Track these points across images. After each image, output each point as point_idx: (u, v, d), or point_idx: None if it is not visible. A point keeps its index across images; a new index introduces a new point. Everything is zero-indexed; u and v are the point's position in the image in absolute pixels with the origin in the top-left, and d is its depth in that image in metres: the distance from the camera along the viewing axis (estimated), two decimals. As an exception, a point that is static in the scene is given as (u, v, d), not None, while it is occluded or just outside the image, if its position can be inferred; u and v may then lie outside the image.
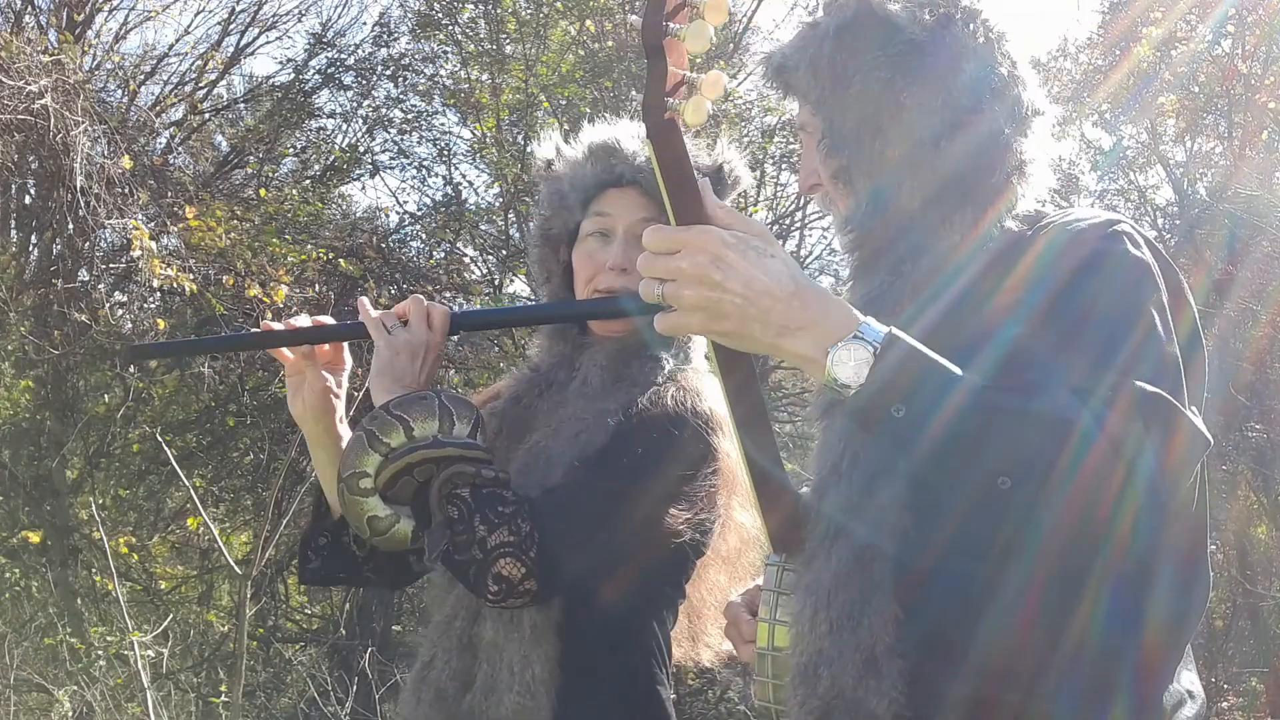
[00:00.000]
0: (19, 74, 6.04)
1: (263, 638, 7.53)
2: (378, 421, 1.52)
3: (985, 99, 1.25)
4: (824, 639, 1.17)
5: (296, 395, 1.70)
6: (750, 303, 1.06)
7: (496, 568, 1.45)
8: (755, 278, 1.06)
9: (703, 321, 1.08)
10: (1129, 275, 1.18)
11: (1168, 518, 1.13)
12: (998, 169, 1.26)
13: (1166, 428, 1.07)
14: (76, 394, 8.09)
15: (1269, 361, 7.49)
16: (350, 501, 1.53)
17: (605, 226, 1.68)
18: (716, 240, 1.07)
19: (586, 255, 1.68)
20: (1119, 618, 1.15)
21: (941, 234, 1.25)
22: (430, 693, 1.60)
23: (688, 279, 1.07)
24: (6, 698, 6.16)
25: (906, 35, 1.24)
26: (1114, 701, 1.15)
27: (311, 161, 9.21)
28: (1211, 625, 8.03)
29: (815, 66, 1.28)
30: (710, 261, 1.06)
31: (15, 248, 8.19)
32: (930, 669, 1.15)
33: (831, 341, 1.06)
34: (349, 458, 1.54)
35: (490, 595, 1.47)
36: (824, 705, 1.16)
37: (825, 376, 1.06)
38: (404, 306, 1.65)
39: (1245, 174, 7.38)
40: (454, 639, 1.60)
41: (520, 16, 8.14)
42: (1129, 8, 8.08)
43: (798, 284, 1.07)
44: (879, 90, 1.25)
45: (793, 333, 1.07)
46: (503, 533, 1.46)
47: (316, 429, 1.69)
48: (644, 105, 1.13)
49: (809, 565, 1.21)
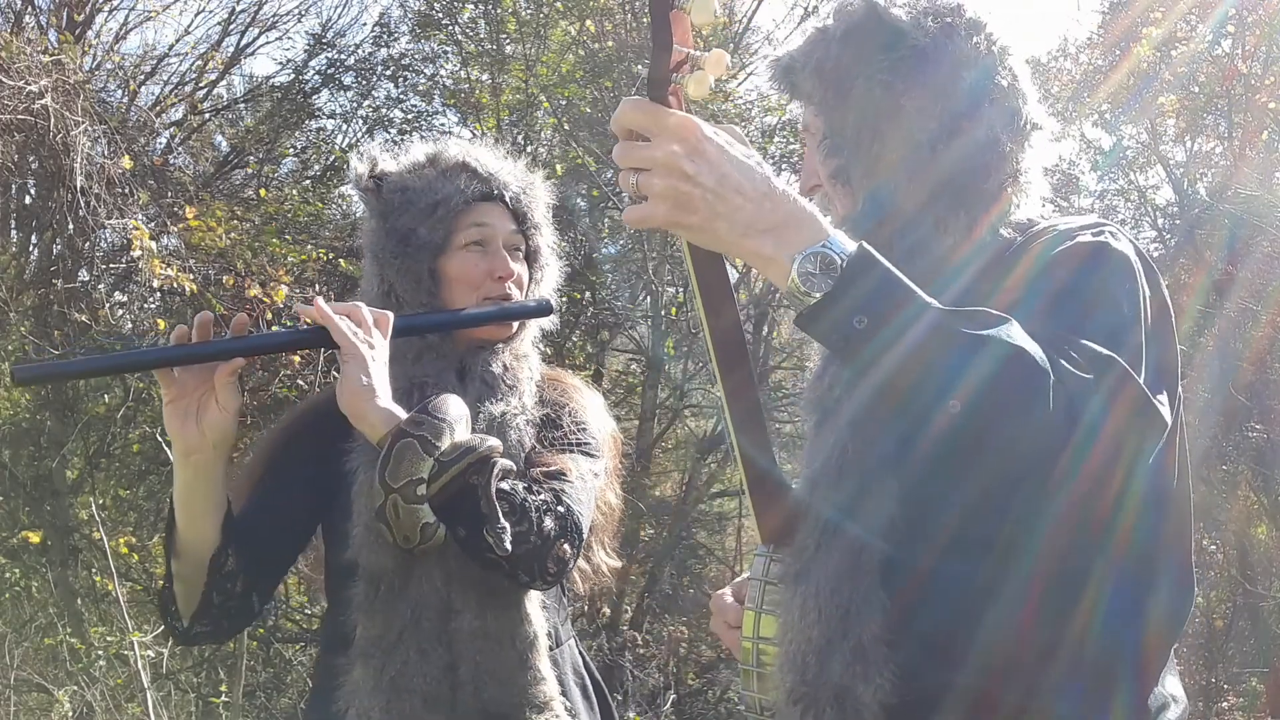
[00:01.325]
0: (19, 74, 6.04)
1: (263, 638, 7.52)
2: (425, 427, 1.50)
3: (984, 108, 1.27)
4: (813, 628, 1.18)
5: (189, 420, 1.52)
6: (720, 199, 1.05)
7: (555, 550, 1.55)
8: (728, 174, 1.05)
9: (669, 212, 1.06)
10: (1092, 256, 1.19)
11: (1169, 516, 1.13)
12: (993, 176, 1.28)
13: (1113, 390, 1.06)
14: (76, 394, 8.09)
15: (1269, 361, 7.48)
16: (407, 512, 1.50)
17: (485, 236, 1.76)
18: (695, 130, 1.05)
19: (471, 263, 1.74)
20: (1120, 616, 1.16)
21: (937, 237, 1.26)
22: (417, 699, 1.56)
23: (660, 167, 1.05)
24: (6, 698, 6.16)
25: (910, 41, 1.26)
26: (1115, 698, 1.16)
27: (311, 162, 9.22)
28: (1211, 625, 8.04)
29: (820, 69, 1.30)
30: (685, 152, 1.04)
31: (15, 248, 8.20)
32: (931, 666, 1.15)
33: (799, 248, 1.04)
34: (401, 466, 1.48)
35: (549, 577, 1.56)
36: (811, 692, 1.17)
37: (789, 282, 1.04)
38: (347, 310, 1.61)
39: (1245, 174, 7.38)
40: (426, 638, 1.58)
41: (520, 16, 8.14)
42: (1129, 8, 8.08)
43: (771, 186, 1.06)
44: (880, 93, 1.26)
45: (759, 234, 1.05)
46: (551, 518, 1.56)
47: (214, 456, 1.53)
48: (649, 79, 1.13)
49: (800, 556, 1.22)
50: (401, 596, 1.59)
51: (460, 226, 1.74)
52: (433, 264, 1.73)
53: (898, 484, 1.17)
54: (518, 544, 1.50)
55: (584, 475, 1.67)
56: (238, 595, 1.60)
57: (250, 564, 1.61)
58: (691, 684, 7.22)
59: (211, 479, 1.56)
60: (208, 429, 1.53)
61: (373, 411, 1.53)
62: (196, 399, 1.53)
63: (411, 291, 1.73)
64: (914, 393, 1.05)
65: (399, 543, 1.53)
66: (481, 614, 1.58)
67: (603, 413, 1.83)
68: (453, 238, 1.74)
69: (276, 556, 1.70)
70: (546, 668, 1.62)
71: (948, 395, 1.02)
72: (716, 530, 9.78)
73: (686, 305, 8.11)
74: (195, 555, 1.57)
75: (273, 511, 1.67)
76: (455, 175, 1.76)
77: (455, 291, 1.74)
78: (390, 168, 1.78)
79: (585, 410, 1.78)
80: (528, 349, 1.81)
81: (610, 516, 1.87)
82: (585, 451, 1.72)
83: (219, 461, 1.55)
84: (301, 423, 1.79)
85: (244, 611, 1.65)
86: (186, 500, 1.56)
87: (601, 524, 1.85)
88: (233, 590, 1.59)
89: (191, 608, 1.60)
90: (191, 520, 1.56)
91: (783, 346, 9.71)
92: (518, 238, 1.79)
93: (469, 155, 1.79)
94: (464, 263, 1.74)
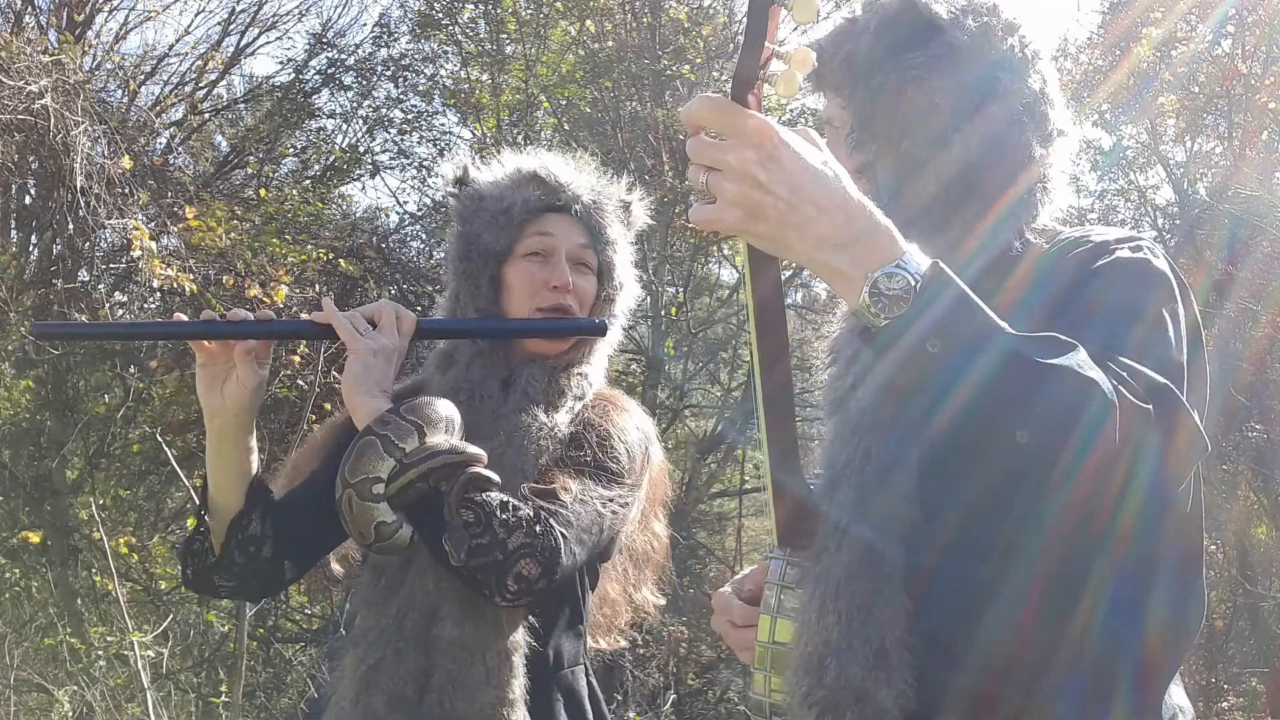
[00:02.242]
0: (19, 74, 6.04)
1: (263, 638, 7.53)
2: (391, 426, 1.51)
3: (1015, 111, 1.26)
4: (831, 630, 1.16)
5: (214, 387, 1.65)
6: (793, 209, 1.00)
7: (518, 568, 1.50)
8: (803, 184, 1.00)
9: (739, 219, 1.02)
10: (1139, 275, 1.18)
11: (1169, 515, 1.13)
12: (1021, 179, 1.27)
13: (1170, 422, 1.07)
14: (76, 394, 8.09)
15: (1269, 361, 7.49)
16: (360, 507, 1.52)
17: (548, 246, 1.75)
18: (772, 135, 1.00)
19: (530, 272, 1.73)
20: (1120, 617, 1.15)
21: (948, 235, 1.25)
22: (382, 697, 1.57)
23: (733, 172, 1.01)
24: (6, 698, 6.16)
25: (947, 38, 1.25)
26: (1114, 701, 1.16)
27: (311, 161, 9.22)
28: (1211, 625, 8.04)
29: (850, 61, 1.28)
30: (759, 158, 1.00)
31: (15, 248, 8.20)
32: (932, 666, 1.15)
33: (873, 266, 1.01)
34: (360, 462, 1.51)
35: (508, 595, 1.51)
36: (830, 697, 1.15)
37: (860, 301, 1.01)
38: (373, 310, 1.67)
39: (1245, 174, 7.37)
40: (406, 640, 1.59)
41: (520, 16, 8.15)
42: (1129, 8, 8.08)
43: (847, 197, 1.02)
44: (913, 89, 1.25)
45: (832, 248, 1.01)
46: (520, 535, 1.51)
47: (234, 423, 1.65)
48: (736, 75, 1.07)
49: (818, 558, 1.20)
50: (395, 593, 1.62)
51: (524, 235, 1.74)
52: (495, 271, 1.74)
53: (914, 484, 1.17)
54: (476, 556, 1.49)
55: (586, 498, 1.61)
56: (264, 560, 1.67)
57: (283, 535, 1.68)
58: (691, 684, 7.22)
59: (234, 444, 1.66)
60: (228, 398, 1.64)
61: (361, 405, 1.57)
62: (224, 368, 1.65)
63: (471, 296, 1.76)
64: (983, 419, 1.02)
65: (355, 539, 1.56)
66: (462, 624, 1.58)
67: (644, 439, 1.76)
68: (516, 246, 1.74)
69: (313, 535, 1.72)
70: (518, 690, 1.59)
71: (1018, 425, 1.00)
72: (716, 530, 9.79)
73: (686, 305, 8.11)
74: (222, 514, 1.67)
75: (313, 494, 1.70)
76: (525, 184, 1.77)
77: (513, 300, 1.74)
78: (477, 175, 1.80)
79: (621, 433, 1.71)
80: (588, 368, 1.78)
81: (657, 548, 1.82)
82: (603, 476, 1.65)
83: (240, 430, 1.66)
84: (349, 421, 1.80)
85: (274, 577, 1.72)
86: (212, 460, 1.68)
87: (643, 558, 1.81)
88: (257, 554, 1.66)
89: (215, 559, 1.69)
90: (217, 480, 1.67)
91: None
92: (586, 252, 1.77)
93: (543, 165, 1.78)
94: (522, 271, 1.74)
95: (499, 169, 1.80)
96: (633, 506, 1.70)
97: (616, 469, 1.67)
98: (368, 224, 8.97)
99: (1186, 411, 1.08)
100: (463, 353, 1.75)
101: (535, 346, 1.74)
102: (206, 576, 1.69)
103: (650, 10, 8.10)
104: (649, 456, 1.76)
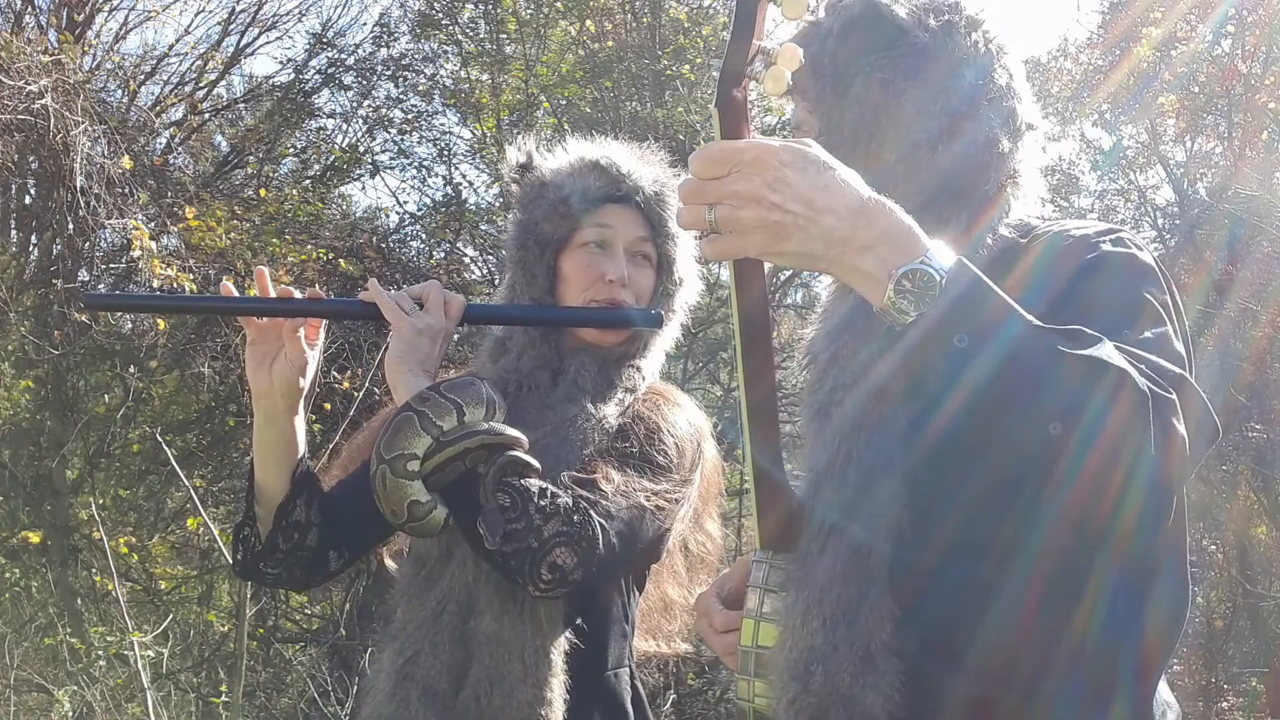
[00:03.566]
0: (19, 74, 6.04)
1: (263, 638, 7.53)
2: (430, 404, 1.49)
3: (982, 107, 1.26)
4: (816, 635, 1.15)
5: (263, 366, 1.62)
6: (812, 221, 1.01)
7: (552, 556, 1.46)
8: (815, 196, 1.01)
9: (764, 243, 1.02)
10: (1130, 271, 1.18)
11: (1169, 514, 1.13)
12: (991, 175, 1.27)
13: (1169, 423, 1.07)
14: (76, 394, 8.09)
15: (1269, 361, 7.48)
16: (394, 484, 1.49)
17: (606, 238, 1.71)
18: (774, 158, 1.01)
19: (585, 263, 1.70)
20: (1120, 617, 1.15)
21: (936, 237, 1.25)
22: (417, 690, 1.55)
23: (744, 200, 1.01)
24: (6, 698, 6.16)
25: (911, 39, 1.25)
26: (1114, 701, 1.15)
27: (311, 161, 9.22)
28: (1211, 625, 8.04)
29: (817, 64, 1.28)
30: (767, 181, 1.01)
31: (15, 248, 8.20)
32: (929, 670, 1.14)
33: (897, 264, 1.01)
34: (396, 438, 1.48)
35: (541, 584, 1.47)
36: (818, 703, 1.14)
37: (885, 299, 1.02)
38: (421, 290, 1.64)
39: (1245, 174, 7.37)
40: (443, 633, 1.57)
41: (520, 16, 8.14)
42: (1129, 8, 8.08)
43: (862, 200, 1.03)
44: (879, 91, 1.25)
45: (856, 251, 1.02)
46: (556, 523, 1.47)
47: (281, 404, 1.62)
48: (724, 72, 1.08)
49: (803, 562, 1.20)
50: (434, 586, 1.60)
51: (583, 225, 1.70)
52: (551, 260, 1.71)
53: (902, 485, 1.16)
54: (510, 541, 1.45)
55: (628, 490, 1.56)
56: (309, 548, 1.64)
57: (330, 524, 1.65)
58: (691, 684, 7.22)
59: (279, 427, 1.63)
60: (276, 378, 1.61)
61: (402, 384, 1.54)
62: (273, 347, 1.62)
63: (526, 285, 1.73)
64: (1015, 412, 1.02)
65: (387, 516, 1.53)
66: (500, 619, 1.55)
67: (696, 435, 1.70)
68: (574, 235, 1.71)
69: (361, 527, 1.70)
70: (556, 689, 1.54)
71: (1051, 417, 1.00)
72: (716, 530, 9.77)
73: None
74: (268, 500, 1.64)
75: (360, 484, 1.67)
76: (587, 173, 1.73)
77: (568, 290, 1.71)
78: (541, 162, 1.77)
79: (671, 427, 1.66)
80: (644, 361, 1.74)
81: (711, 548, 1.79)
82: (648, 469, 1.60)
83: (287, 412, 1.62)
84: None
85: (318, 566, 1.68)
86: (259, 443, 1.64)
87: (701, 557, 1.78)
88: (302, 541, 1.64)
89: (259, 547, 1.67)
90: (263, 464, 1.64)
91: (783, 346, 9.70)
92: (646, 244, 1.73)
93: (605, 154, 1.74)
94: (578, 261, 1.70)
95: (563, 156, 1.76)
96: (683, 504, 1.65)
97: (664, 462, 1.62)
98: (368, 224, 8.96)
99: (1202, 399, 1.09)
100: (516, 342, 1.73)
101: (589, 336, 1.71)
102: (253, 563, 1.67)
103: (650, 10, 8.10)
104: (701, 452, 1.71)
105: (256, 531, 1.66)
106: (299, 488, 1.64)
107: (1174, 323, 1.16)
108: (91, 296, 1.43)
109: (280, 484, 1.63)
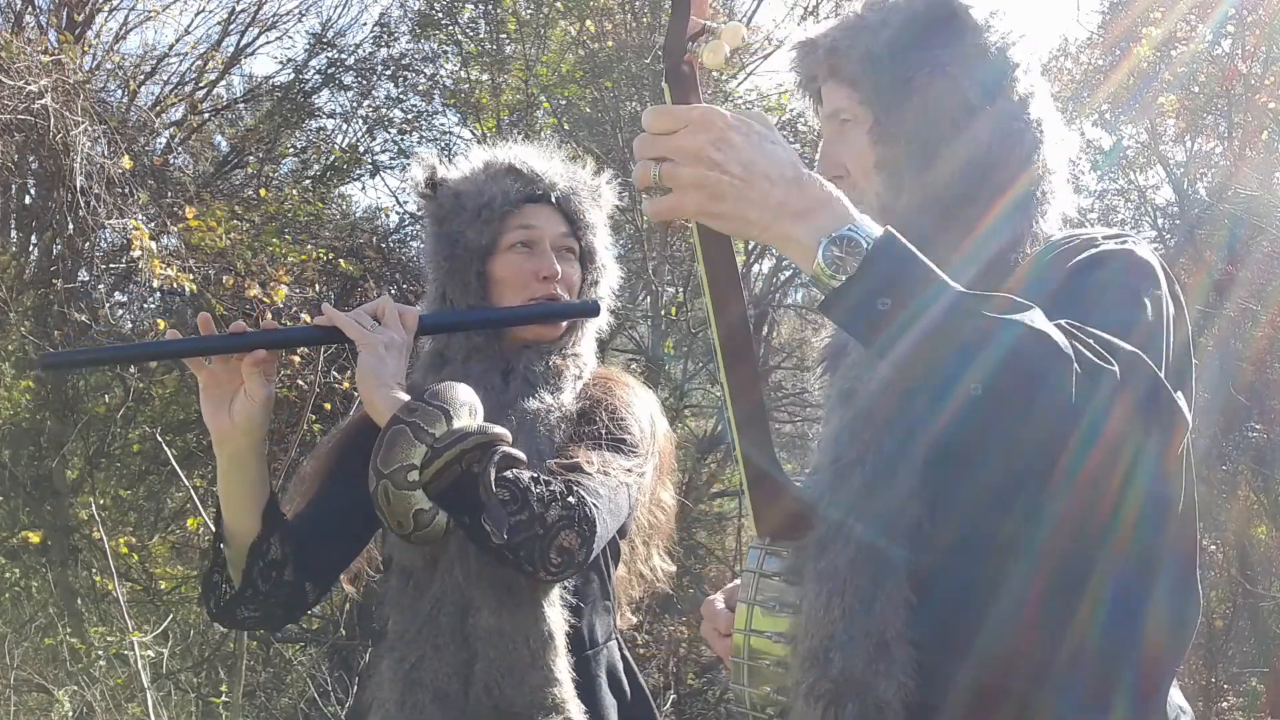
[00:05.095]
0: (19, 74, 6.04)
1: (263, 638, 7.52)
2: (418, 413, 1.50)
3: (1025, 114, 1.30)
4: (836, 623, 1.16)
5: (221, 408, 1.57)
6: (749, 185, 1.05)
7: (559, 540, 1.50)
8: (755, 160, 1.05)
9: (699, 202, 1.06)
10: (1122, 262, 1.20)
11: (1170, 513, 1.13)
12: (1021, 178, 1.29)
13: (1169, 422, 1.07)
14: (76, 394, 8.09)
15: (1269, 361, 7.48)
16: (398, 497, 1.49)
17: (531, 237, 1.76)
18: (720, 120, 1.06)
19: (517, 264, 1.75)
20: (1121, 617, 1.16)
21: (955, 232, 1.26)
22: (428, 695, 1.57)
23: (687, 156, 1.05)
24: (6, 698, 6.16)
25: (980, 39, 1.28)
26: (1115, 701, 1.16)
27: (311, 161, 9.22)
28: (1211, 625, 8.03)
29: (873, 55, 1.29)
30: (711, 139, 1.05)
31: (15, 248, 8.20)
32: (937, 657, 1.15)
33: (826, 232, 1.04)
34: (392, 452, 1.49)
35: (552, 569, 1.51)
36: (835, 689, 1.15)
37: (814, 265, 1.04)
38: (374, 306, 1.64)
39: (1245, 174, 7.37)
40: (444, 635, 1.59)
41: (520, 16, 8.15)
42: (1129, 8, 8.08)
43: (798, 171, 1.06)
44: (945, 88, 1.27)
45: (789, 219, 1.05)
46: (557, 508, 1.51)
47: (245, 443, 1.57)
48: (665, 49, 1.13)
49: (822, 553, 1.20)
50: (426, 592, 1.62)
51: (507, 229, 1.75)
52: (481, 266, 1.75)
53: (911, 479, 1.17)
54: (518, 533, 1.47)
55: (608, 470, 1.62)
56: (287, 584, 1.62)
57: (302, 557, 1.63)
58: (691, 684, 7.22)
59: (246, 468, 1.59)
60: (237, 417, 1.57)
61: (380, 399, 1.54)
62: (230, 389, 1.58)
63: (460, 294, 1.76)
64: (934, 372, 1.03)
65: (393, 529, 1.54)
66: (499, 612, 1.57)
67: (650, 411, 1.79)
68: (500, 240, 1.75)
69: (330, 554, 1.70)
70: (563, 669, 1.58)
71: (967, 375, 1.01)
72: (716, 530, 9.78)
73: (686, 305, 8.11)
74: (239, 542, 1.61)
75: (325, 512, 1.68)
76: (502, 177, 1.77)
77: (503, 293, 1.75)
78: (448, 174, 1.80)
79: (628, 407, 1.74)
80: (581, 349, 1.81)
81: (664, 518, 1.84)
82: (619, 448, 1.67)
83: (252, 451, 1.59)
84: (356, 429, 1.78)
85: (296, 600, 1.66)
86: (226, 487, 1.61)
87: (655, 526, 1.83)
88: (279, 578, 1.61)
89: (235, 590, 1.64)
90: (232, 507, 1.60)
91: (783, 346, 9.71)
92: (569, 239, 1.80)
93: (517, 157, 1.79)
94: (510, 264, 1.75)
95: (467, 165, 1.81)
96: (648, 476, 1.71)
97: (631, 440, 1.69)
98: (368, 224, 8.97)
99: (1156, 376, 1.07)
100: (456, 350, 1.75)
101: (530, 334, 1.76)
102: (230, 610, 1.64)
103: (650, 10, 8.11)
104: (656, 426, 1.78)
105: (228, 576, 1.63)
106: (270, 525, 1.60)
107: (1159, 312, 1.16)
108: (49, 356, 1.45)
109: (251, 525, 1.60)
